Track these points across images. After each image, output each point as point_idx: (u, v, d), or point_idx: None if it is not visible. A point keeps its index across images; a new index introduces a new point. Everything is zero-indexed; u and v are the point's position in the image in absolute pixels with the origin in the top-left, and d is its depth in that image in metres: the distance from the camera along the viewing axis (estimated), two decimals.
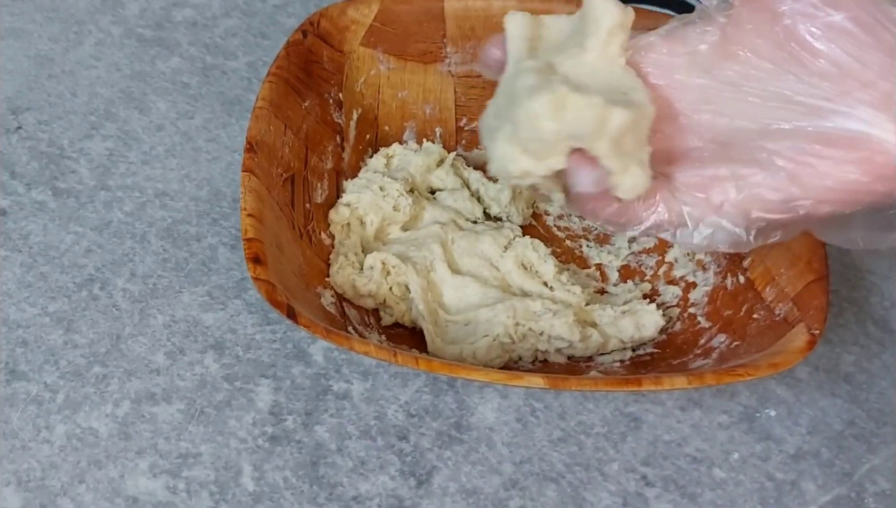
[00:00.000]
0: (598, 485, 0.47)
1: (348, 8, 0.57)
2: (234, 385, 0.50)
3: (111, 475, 0.46)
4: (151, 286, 0.53)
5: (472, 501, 0.46)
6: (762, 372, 0.43)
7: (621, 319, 0.51)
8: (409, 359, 0.44)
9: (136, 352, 0.51)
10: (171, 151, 0.60)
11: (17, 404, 0.48)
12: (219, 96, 0.63)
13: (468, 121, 0.61)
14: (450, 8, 0.58)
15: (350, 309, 0.51)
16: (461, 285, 0.52)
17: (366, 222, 0.54)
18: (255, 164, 0.49)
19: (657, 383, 0.43)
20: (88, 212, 0.56)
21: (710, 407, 0.50)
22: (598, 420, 0.50)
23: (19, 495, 0.45)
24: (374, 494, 0.46)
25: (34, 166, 0.58)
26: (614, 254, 0.56)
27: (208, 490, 0.46)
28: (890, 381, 0.52)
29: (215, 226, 0.56)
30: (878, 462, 0.49)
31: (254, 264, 0.45)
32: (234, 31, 0.67)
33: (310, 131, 0.55)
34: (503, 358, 0.50)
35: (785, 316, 0.47)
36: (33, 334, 0.51)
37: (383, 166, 0.57)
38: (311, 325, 0.43)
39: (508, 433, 0.49)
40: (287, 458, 0.47)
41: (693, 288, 0.53)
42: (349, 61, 0.58)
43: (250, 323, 0.52)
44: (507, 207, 0.56)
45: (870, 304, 0.56)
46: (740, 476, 0.48)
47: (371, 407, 0.49)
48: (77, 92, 0.63)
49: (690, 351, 0.50)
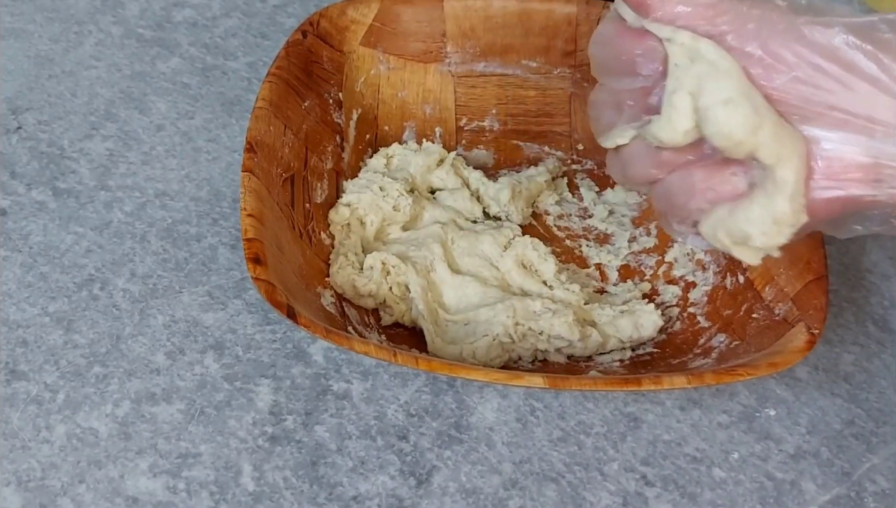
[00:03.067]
0: (598, 485, 0.47)
1: (348, 8, 0.58)
2: (234, 385, 0.50)
3: (111, 475, 0.46)
4: (151, 286, 0.53)
5: (472, 501, 0.46)
6: (762, 371, 0.43)
7: (620, 319, 0.51)
8: (408, 359, 0.44)
9: (136, 352, 0.51)
10: (171, 151, 0.60)
11: (17, 404, 0.48)
12: (219, 96, 0.63)
13: (468, 121, 0.61)
14: (450, 8, 0.58)
15: (350, 309, 0.51)
16: (461, 285, 0.52)
17: (366, 222, 0.54)
18: (255, 164, 0.49)
19: (657, 383, 0.43)
20: (88, 213, 0.56)
21: (710, 406, 0.50)
22: (597, 419, 0.50)
23: (19, 495, 0.45)
24: (373, 494, 0.46)
25: (34, 166, 0.58)
26: (614, 253, 0.56)
27: (208, 490, 0.46)
28: (889, 381, 0.52)
29: (215, 226, 0.56)
30: (878, 461, 0.49)
31: (254, 264, 0.45)
32: (234, 32, 0.67)
33: (310, 131, 0.55)
34: (503, 357, 0.50)
35: (784, 316, 0.47)
36: (33, 334, 0.51)
37: (383, 166, 0.57)
38: (311, 325, 0.43)
39: (508, 433, 0.49)
40: (287, 458, 0.47)
41: (693, 288, 0.53)
42: (349, 61, 0.58)
43: (250, 323, 0.52)
44: (506, 207, 0.57)
45: (869, 304, 0.56)
46: (740, 475, 0.48)
47: (371, 407, 0.49)
48: (77, 92, 0.63)
49: (690, 351, 0.50)
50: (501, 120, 0.61)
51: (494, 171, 0.60)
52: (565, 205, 0.59)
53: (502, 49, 0.60)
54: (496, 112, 0.61)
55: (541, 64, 0.60)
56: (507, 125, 0.61)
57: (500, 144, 0.61)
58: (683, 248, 0.55)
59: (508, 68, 0.60)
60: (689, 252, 0.54)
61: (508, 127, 0.61)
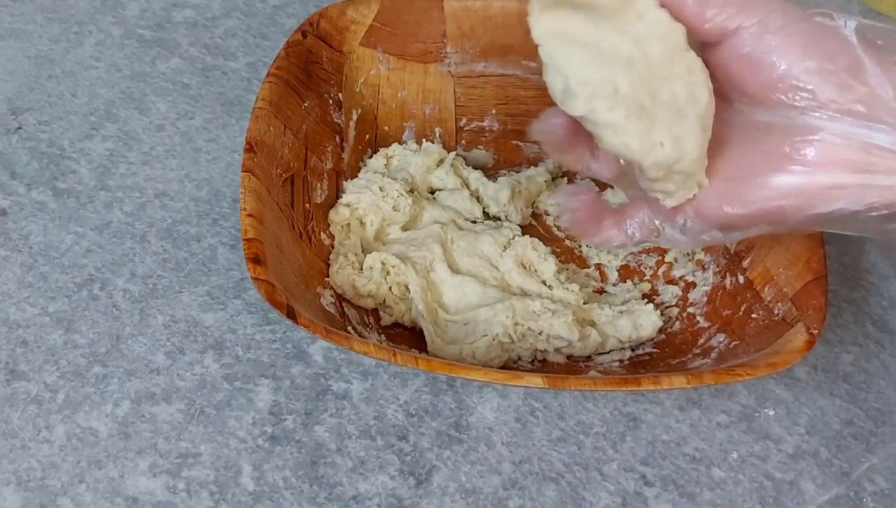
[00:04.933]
0: (598, 485, 0.47)
1: (348, 8, 0.58)
2: (233, 385, 0.50)
3: (111, 475, 0.46)
4: (151, 286, 0.53)
5: (472, 501, 0.46)
6: (761, 371, 0.43)
7: (619, 319, 0.51)
8: (408, 359, 0.44)
9: (136, 352, 0.51)
10: (171, 152, 0.60)
11: (17, 404, 0.48)
12: (219, 97, 0.63)
13: (468, 122, 0.61)
14: (450, 8, 0.58)
15: (350, 309, 0.51)
16: (461, 285, 0.52)
17: (366, 222, 0.54)
18: (255, 165, 0.49)
19: (656, 383, 0.43)
20: (88, 213, 0.56)
21: (709, 406, 0.51)
22: (597, 419, 0.50)
23: (19, 495, 0.45)
24: (373, 494, 0.46)
25: (34, 166, 0.58)
26: (613, 253, 0.56)
27: (208, 490, 0.46)
28: (889, 381, 0.52)
29: (215, 227, 0.56)
30: (877, 461, 0.49)
31: (254, 264, 0.45)
32: (234, 32, 0.68)
33: (309, 131, 0.55)
34: (502, 357, 0.50)
35: (784, 316, 0.47)
36: (33, 334, 0.51)
37: (383, 166, 0.57)
38: (311, 325, 0.43)
39: (508, 432, 0.49)
40: (287, 458, 0.47)
41: (692, 288, 0.53)
42: (349, 61, 0.58)
43: (250, 323, 0.52)
44: (505, 206, 0.57)
45: (869, 304, 0.56)
46: (739, 475, 0.48)
47: (370, 407, 0.49)
48: (77, 92, 0.63)
49: (689, 351, 0.50)
50: (501, 120, 0.61)
51: (494, 171, 0.60)
52: None
53: (502, 49, 0.60)
54: (496, 112, 0.61)
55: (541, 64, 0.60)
56: (506, 125, 0.61)
57: (499, 144, 0.61)
58: (683, 248, 0.55)
59: (508, 68, 0.60)
60: (689, 252, 0.54)
61: (508, 127, 0.61)
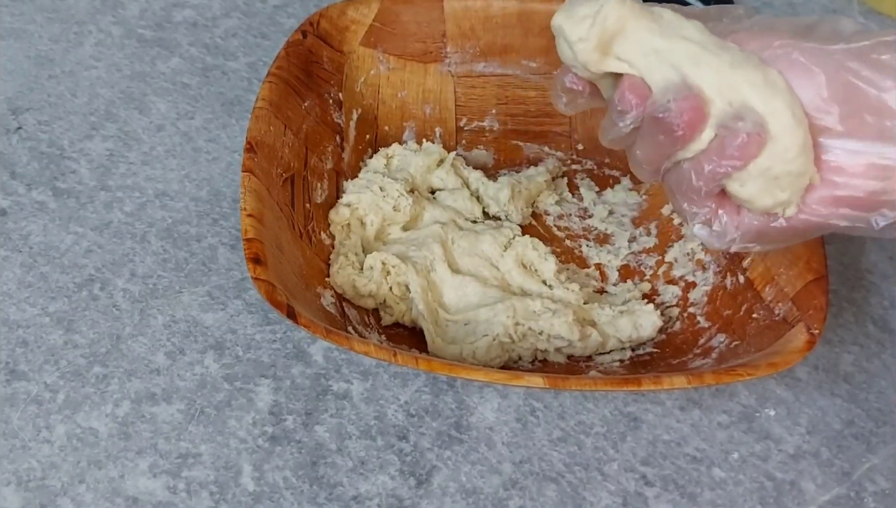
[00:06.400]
0: (598, 485, 0.47)
1: (348, 8, 0.58)
2: (234, 385, 0.50)
3: (111, 475, 0.46)
4: (151, 286, 0.53)
5: (472, 501, 0.46)
6: (761, 371, 0.43)
7: (619, 319, 0.51)
8: (408, 359, 0.44)
9: (136, 352, 0.51)
10: (171, 152, 0.60)
11: (17, 404, 0.48)
12: (219, 96, 0.63)
13: (468, 121, 0.61)
14: (450, 8, 0.58)
15: (350, 309, 0.51)
16: (461, 285, 0.52)
17: (366, 222, 0.54)
18: (255, 164, 0.49)
19: (657, 383, 0.43)
20: (88, 213, 0.56)
21: (710, 406, 0.51)
22: (597, 419, 0.50)
23: (19, 495, 0.45)
24: (373, 494, 0.46)
25: (34, 166, 0.58)
26: (614, 253, 0.56)
27: (208, 490, 0.46)
28: (889, 381, 0.52)
29: (215, 227, 0.56)
30: (878, 461, 0.49)
31: (254, 264, 0.45)
32: (234, 32, 0.67)
33: (310, 131, 0.55)
34: (503, 357, 0.50)
35: (784, 316, 0.47)
36: (33, 334, 0.51)
37: (383, 166, 0.57)
38: (311, 325, 0.43)
39: (508, 433, 0.49)
40: (287, 458, 0.47)
41: (693, 288, 0.53)
42: (349, 61, 0.58)
43: (250, 323, 0.52)
44: (506, 206, 0.57)
45: (869, 304, 0.56)
46: (740, 475, 0.48)
47: (371, 407, 0.49)
48: (77, 92, 0.63)
49: (690, 351, 0.50)
50: (501, 120, 0.61)
51: (494, 171, 0.60)
52: (565, 205, 0.59)
53: (502, 49, 0.60)
54: (496, 112, 0.61)
55: (541, 64, 0.60)
56: (506, 125, 0.61)
57: (499, 144, 0.61)
58: (683, 248, 0.55)
59: (508, 68, 0.60)
60: (689, 252, 0.54)
61: (508, 127, 0.61)
